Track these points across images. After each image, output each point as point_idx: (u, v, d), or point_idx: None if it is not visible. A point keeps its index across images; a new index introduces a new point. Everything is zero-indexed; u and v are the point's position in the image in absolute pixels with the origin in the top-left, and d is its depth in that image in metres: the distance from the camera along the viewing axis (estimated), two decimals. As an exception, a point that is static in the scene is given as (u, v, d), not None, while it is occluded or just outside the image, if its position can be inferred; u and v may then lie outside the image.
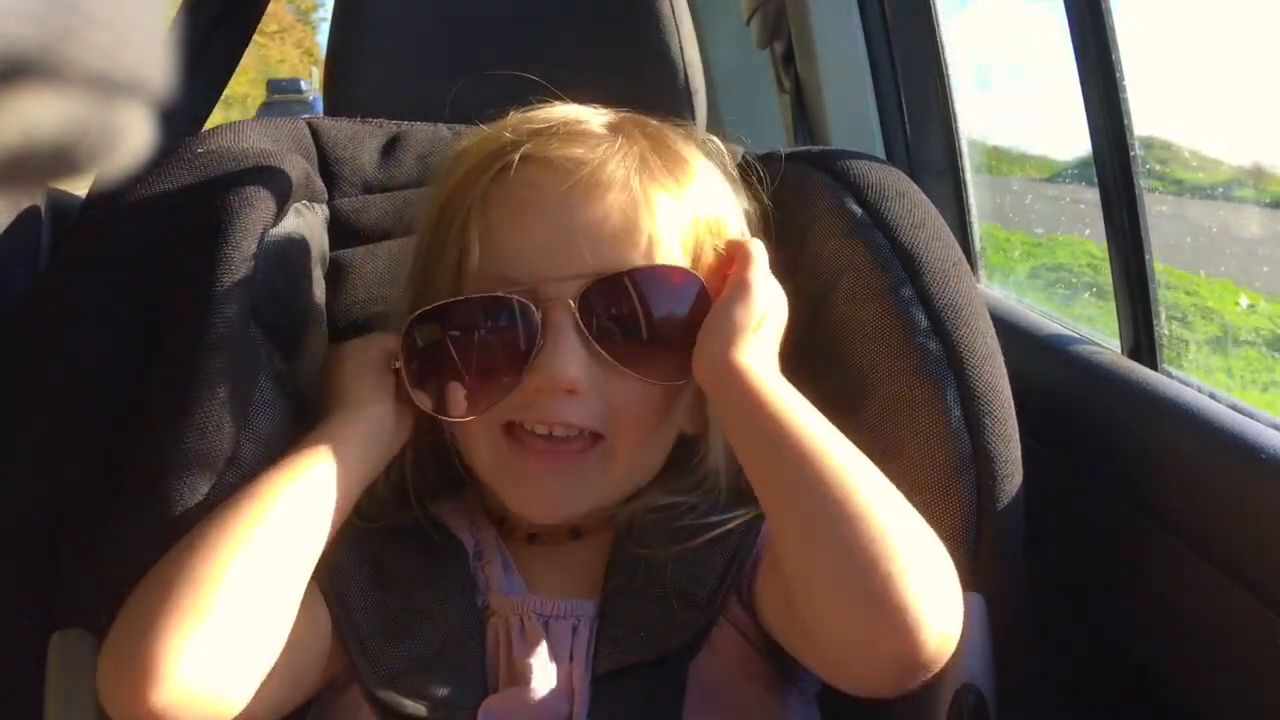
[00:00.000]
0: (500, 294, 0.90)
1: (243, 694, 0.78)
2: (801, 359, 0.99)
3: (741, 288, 0.90)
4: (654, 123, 0.99)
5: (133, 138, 0.33)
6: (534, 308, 0.89)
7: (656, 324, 0.92)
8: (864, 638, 0.76)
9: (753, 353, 0.87)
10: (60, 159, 0.31)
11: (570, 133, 0.94)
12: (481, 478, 0.97)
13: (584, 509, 0.96)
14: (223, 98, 1.50)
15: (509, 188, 0.93)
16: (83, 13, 0.29)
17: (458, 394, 0.92)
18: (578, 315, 0.89)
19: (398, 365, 0.93)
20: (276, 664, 0.80)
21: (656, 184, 0.93)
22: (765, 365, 0.88)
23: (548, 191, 0.91)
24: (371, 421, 0.91)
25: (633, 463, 0.96)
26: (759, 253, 0.94)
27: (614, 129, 0.96)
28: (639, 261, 0.91)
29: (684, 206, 0.94)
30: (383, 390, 0.92)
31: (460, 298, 0.92)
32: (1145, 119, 1.17)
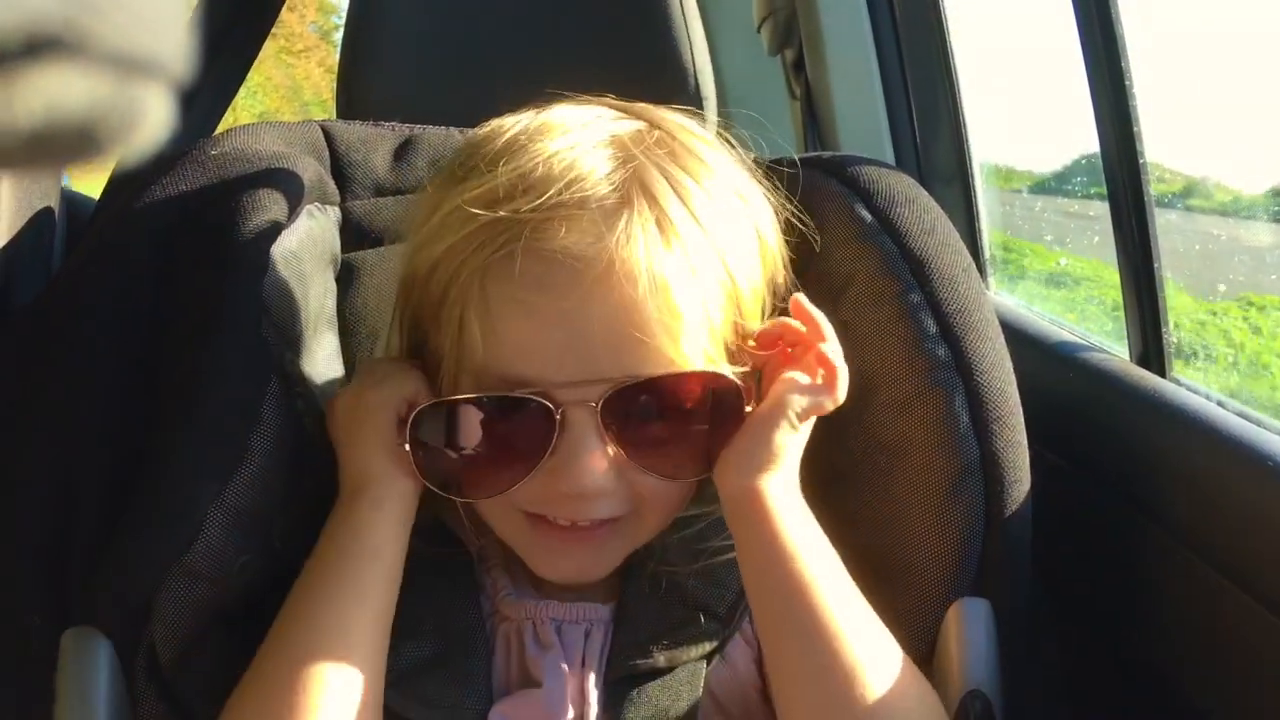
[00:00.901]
0: (517, 394, 0.85)
1: None
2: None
3: (780, 408, 0.87)
4: (668, 143, 0.91)
5: (153, 119, 0.33)
6: (553, 408, 0.84)
7: (684, 430, 0.88)
8: None
9: (781, 483, 0.86)
10: (83, 137, 0.31)
11: (576, 202, 0.84)
12: (501, 540, 0.95)
13: (616, 565, 0.94)
14: (257, 115, 1.52)
15: (512, 286, 0.84)
16: None
17: (468, 481, 0.90)
18: (600, 422, 0.85)
19: (405, 444, 0.88)
20: None
21: (676, 258, 0.85)
22: (790, 499, 0.86)
23: (557, 295, 0.83)
24: (397, 499, 0.88)
25: (661, 523, 0.94)
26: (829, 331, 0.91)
27: (622, 193, 0.85)
28: (661, 358, 0.85)
29: (708, 272, 0.88)
30: (399, 459, 0.88)
31: (470, 396, 0.87)
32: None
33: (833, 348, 0.89)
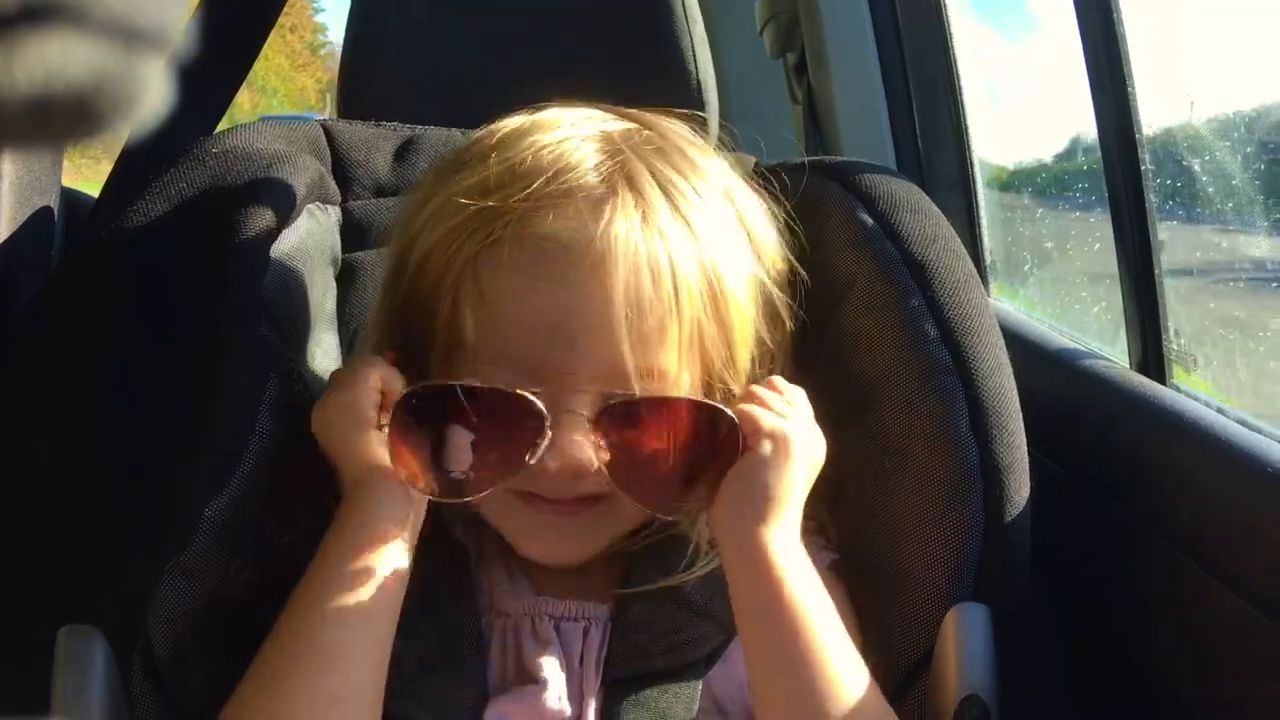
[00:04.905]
0: (508, 389, 0.84)
1: None
2: (810, 368, 0.99)
3: (780, 444, 0.85)
4: (657, 141, 0.94)
5: (153, 94, 0.32)
6: (544, 409, 0.84)
7: (675, 458, 0.87)
8: None
9: (782, 529, 0.84)
10: (84, 108, 0.31)
11: (563, 191, 0.86)
12: (485, 519, 0.95)
13: (597, 551, 0.94)
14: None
15: (503, 270, 0.87)
16: None
17: (454, 477, 0.86)
18: (592, 431, 0.85)
19: (384, 425, 0.85)
20: None
21: (662, 243, 0.87)
22: (791, 548, 0.84)
23: (548, 277, 0.85)
24: (389, 503, 0.85)
25: (640, 514, 0.93)
26: (800, 400, 0.90)
27: (609, 181, 0.88)
28: (645, 352, 0.86)
29: (694, 261, 0.88)
30: (381, 458, 0.85)
31: (461, 384, 0.86)
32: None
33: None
